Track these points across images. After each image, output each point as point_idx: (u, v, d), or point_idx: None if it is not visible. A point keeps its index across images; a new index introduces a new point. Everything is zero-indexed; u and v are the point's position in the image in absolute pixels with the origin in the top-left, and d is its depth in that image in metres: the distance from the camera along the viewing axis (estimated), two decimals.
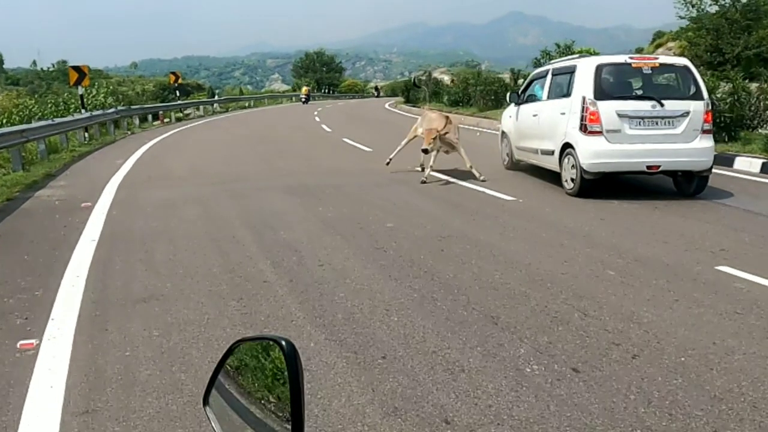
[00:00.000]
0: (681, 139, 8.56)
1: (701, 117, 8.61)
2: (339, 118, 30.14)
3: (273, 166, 12.79)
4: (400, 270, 5.37)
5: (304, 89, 58.47)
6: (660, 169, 8.67)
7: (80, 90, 22.67)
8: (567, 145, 8.98)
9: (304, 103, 52.73)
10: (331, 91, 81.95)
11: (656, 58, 9.67)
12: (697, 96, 8.70)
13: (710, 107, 8.92)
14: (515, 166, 11.56)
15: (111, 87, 34.65)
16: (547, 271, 5.30)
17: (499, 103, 22.97)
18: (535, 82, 11.05)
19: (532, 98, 10.84)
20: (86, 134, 20.52)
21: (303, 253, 5.95)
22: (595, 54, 26.92)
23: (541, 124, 10.08)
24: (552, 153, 9.48)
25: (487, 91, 25.44)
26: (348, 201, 8.58)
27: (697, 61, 24.24)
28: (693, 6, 32.25)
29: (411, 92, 40.10)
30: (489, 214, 7.52)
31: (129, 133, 24.80)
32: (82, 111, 21.91)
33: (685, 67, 8.99)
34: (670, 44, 49.04)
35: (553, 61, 11.97)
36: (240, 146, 17.70)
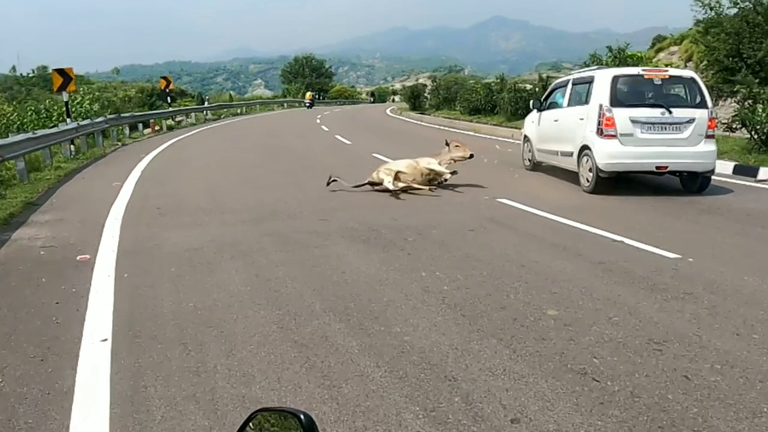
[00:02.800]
0: (687, 143, 9.58)
1: (705, 123, 9.62)
2: (349, 126, 27.74)
3: (310, 192, 10.45)
4: None
5: (309, 94, 61.70)
6: (667, 169, 9.76)
7: (65, 96, 20.06)
8: (585, 147, 10.03)
9: (308, 107, 55.56)
10: (321, 97, 79.23)
11: (666, 71, 10.66)
12: (702, 105, 9.72)
13: (713, 115, 9.94)
14: (535, 167, 12.73)
15: (95, 93, 31.84)
16: None
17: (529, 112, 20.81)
18: (557, 90, 12.14)
19: (554, 105, 11.94)
20: (72, 147, 17.99)
21: (462, 383, 3.59)
22: (648, 58, 24.86)
23: (561, 128, 11.17)
24: (571, 154, 10.57)
25: (516, 99, 23.18)
26: (452, 259, 6.23)
27: (717, 66, 22.44)
28: (711, 9, 30.40)
29: (419, 99, 37.67)
30: (676, 289, 5.20)
31: (119, 144, 22.33)
32: (68, 120, 19.36)
33: (692, 79, 10.08)
34: (673, 48, 47.24)
35: (573, 72, 13.11)
36: (254, 162, 15.34)
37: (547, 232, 7.42)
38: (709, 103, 9.83)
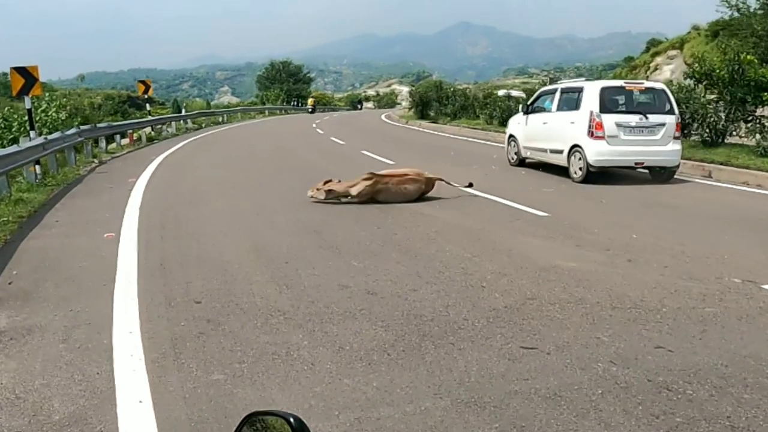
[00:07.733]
0: (659, 143, 11.75)
1: (673, 127, 11.82)
2: (365, 140, 23.64)
3: (427, 261, 6.53)
4: None
5: (311, 101, 63.82)
6: (643, 164, 11.95)
7: (27, 102, 15.58)
8: (575, 146, 12.02)
9: (311, 112, 58.77)
10: (300, 104, 74.58)
11: (642, 83, 13.25)
12: (671, 112, 12.00)
13: (680, 120, 12.24)
14: (520, 163, 14.40)
15: (62, 99, 27.05)
16: None
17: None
18: (544, 97, 13.92)
19: (539, 109, 13.82)
20: (38, 168, 13.79)
21: None
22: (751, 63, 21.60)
23: (551, 129, 12.97)
24: (561, 152, 12.51)
25: None
26: None
27: None
28: (738, 10, 27.45)
29: (428, 107, 33.66)
30: None
31: (95, 161, 18.09)
32: (32, 134, 15.07)
33: (663, 90, 12.44)
34: (672, 52, 44.26)
35: (560, 82, 15.08)
36: (292, 193, 11.28)
37: None
38: (676, 110, 12.06)
